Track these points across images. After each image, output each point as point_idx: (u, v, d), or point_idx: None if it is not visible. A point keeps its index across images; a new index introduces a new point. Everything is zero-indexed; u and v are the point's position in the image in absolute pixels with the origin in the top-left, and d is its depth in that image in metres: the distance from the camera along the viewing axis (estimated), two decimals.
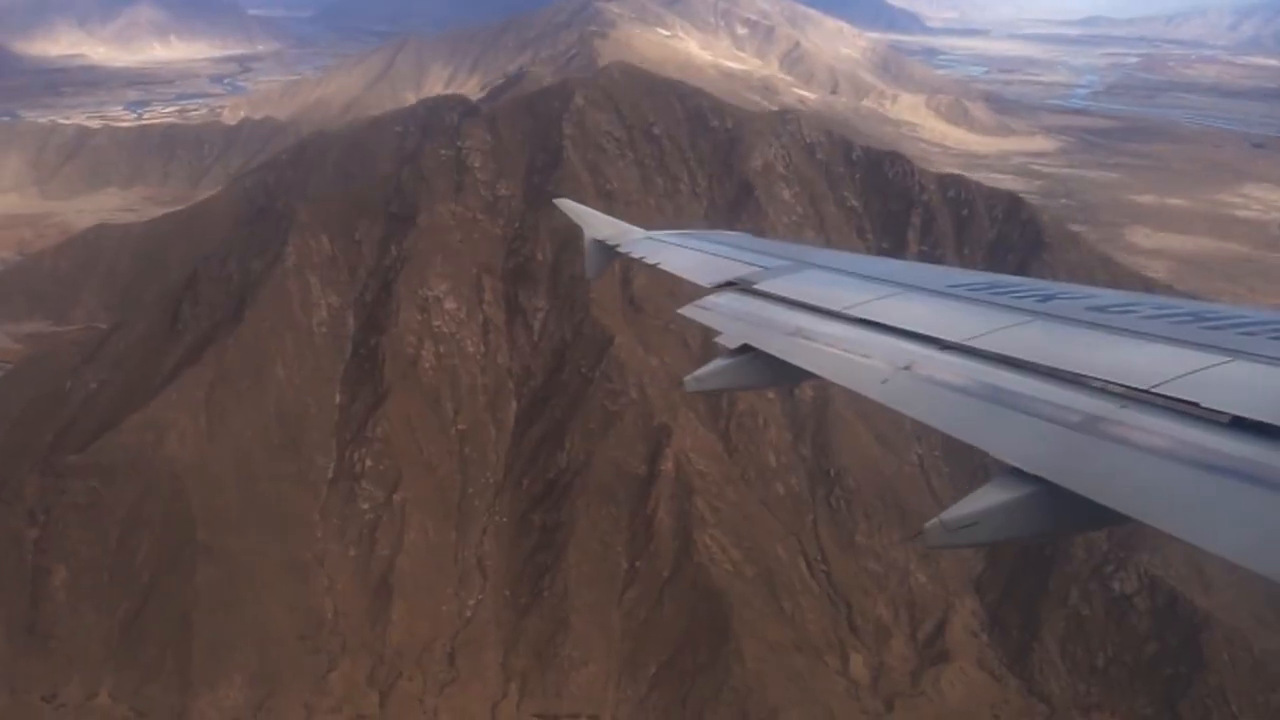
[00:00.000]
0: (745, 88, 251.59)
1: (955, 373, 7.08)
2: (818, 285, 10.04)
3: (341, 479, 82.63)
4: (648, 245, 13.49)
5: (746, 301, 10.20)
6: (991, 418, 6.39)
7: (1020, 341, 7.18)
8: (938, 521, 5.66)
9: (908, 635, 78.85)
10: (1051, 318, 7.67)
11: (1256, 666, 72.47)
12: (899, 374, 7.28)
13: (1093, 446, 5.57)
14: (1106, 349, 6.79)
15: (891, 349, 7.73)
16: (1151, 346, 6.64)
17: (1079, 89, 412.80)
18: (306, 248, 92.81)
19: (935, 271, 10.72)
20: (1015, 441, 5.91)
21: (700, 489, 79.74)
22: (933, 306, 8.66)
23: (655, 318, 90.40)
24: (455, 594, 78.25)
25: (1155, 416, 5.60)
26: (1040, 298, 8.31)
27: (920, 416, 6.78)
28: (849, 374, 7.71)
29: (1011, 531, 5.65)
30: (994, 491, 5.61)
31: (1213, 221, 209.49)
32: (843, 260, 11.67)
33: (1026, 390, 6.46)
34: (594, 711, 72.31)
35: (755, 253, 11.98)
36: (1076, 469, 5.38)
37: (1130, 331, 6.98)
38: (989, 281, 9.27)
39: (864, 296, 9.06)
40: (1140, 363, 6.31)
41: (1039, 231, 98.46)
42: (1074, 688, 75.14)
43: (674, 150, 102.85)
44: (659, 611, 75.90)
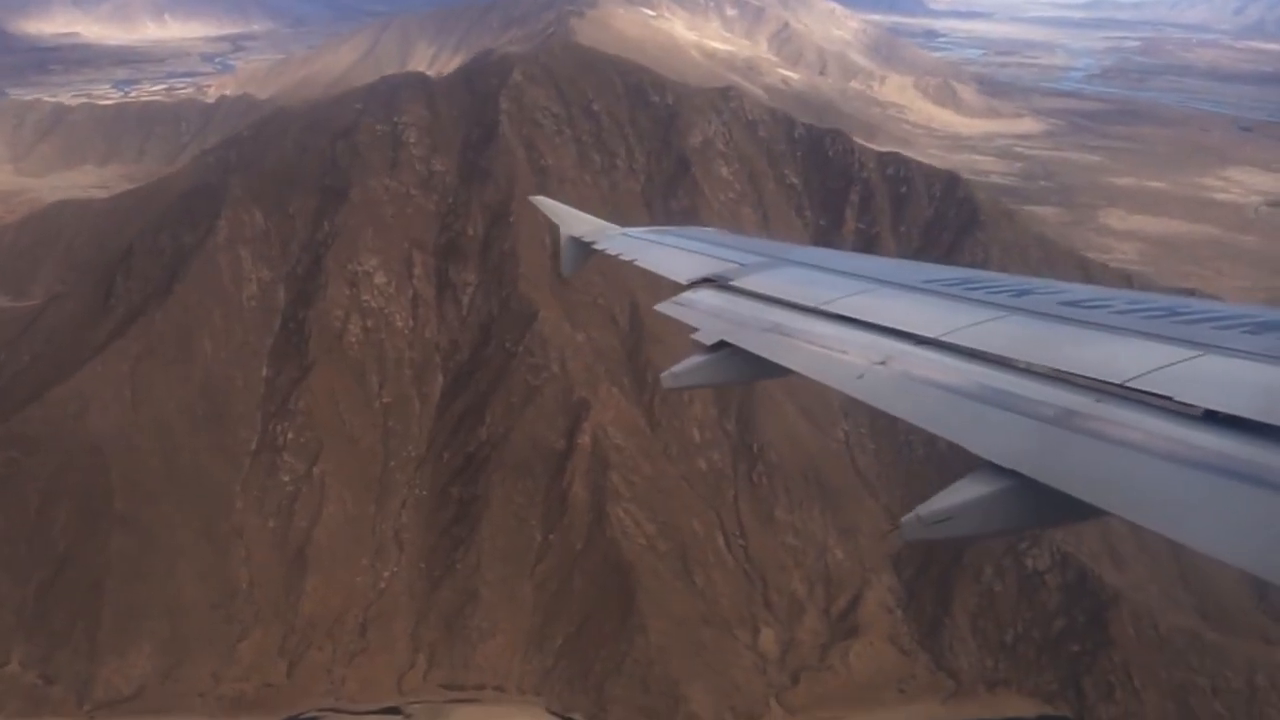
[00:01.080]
0: (727, 68, 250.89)
1: (931, 368, 7.07)
2: (794, 281, 10.06)
3: (264, 451, 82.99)
4: (624, 242, 13.50)
5: (723, 298, 10.13)
6: (967, 412, 6.38)
7: (995, 337, 7.21)
8: (914, 516, 5.54)
9: (821, 610, 79.05)
10: (1026, 313, 7.69)
11: (1162, 643, 72.56)
12: (875, 369, 7.27)
13: (1068, 441, 5.58)
14: (1080, 344, 6.79)
15: (867, 345, 7.73)
16: (1125, 341, 6.65)
17: (1074, 72, 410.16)
18: (239, 222, 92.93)
19: (911, 267, 10.74)
20: (991, 436, 5.90)
21: (616, 463, 79.90)
22: (909, 302, 8.69)
23: (584, 293, 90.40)
24: (371, 565, 78.64)
25: (1130, 410, 5.63)
26: (1014, 293, 8.35)
27: (895, 411, 6.72)
28: (825, 370, 7.71)
29: (988, 525, 5.58)
30: (970, 486, 5.55)
31: (1190, 204, 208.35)
32: (819, 256, 11.74)
33: (1001, 385, 6.46)
34: (499, 682, 72.77)
35: (732, 249, 12.03)
36: (1052, 463, 5.39)
37: (1104, 326, 7.02)
38: (964, 277, 9.37)
39: (840, 292, 9.09)
40: (1114, 357, 6.32)
41: (975, 210, 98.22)
42: (982, 663, 75.37)
43: (613, 126, 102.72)
44: (569, 584, 76.27)
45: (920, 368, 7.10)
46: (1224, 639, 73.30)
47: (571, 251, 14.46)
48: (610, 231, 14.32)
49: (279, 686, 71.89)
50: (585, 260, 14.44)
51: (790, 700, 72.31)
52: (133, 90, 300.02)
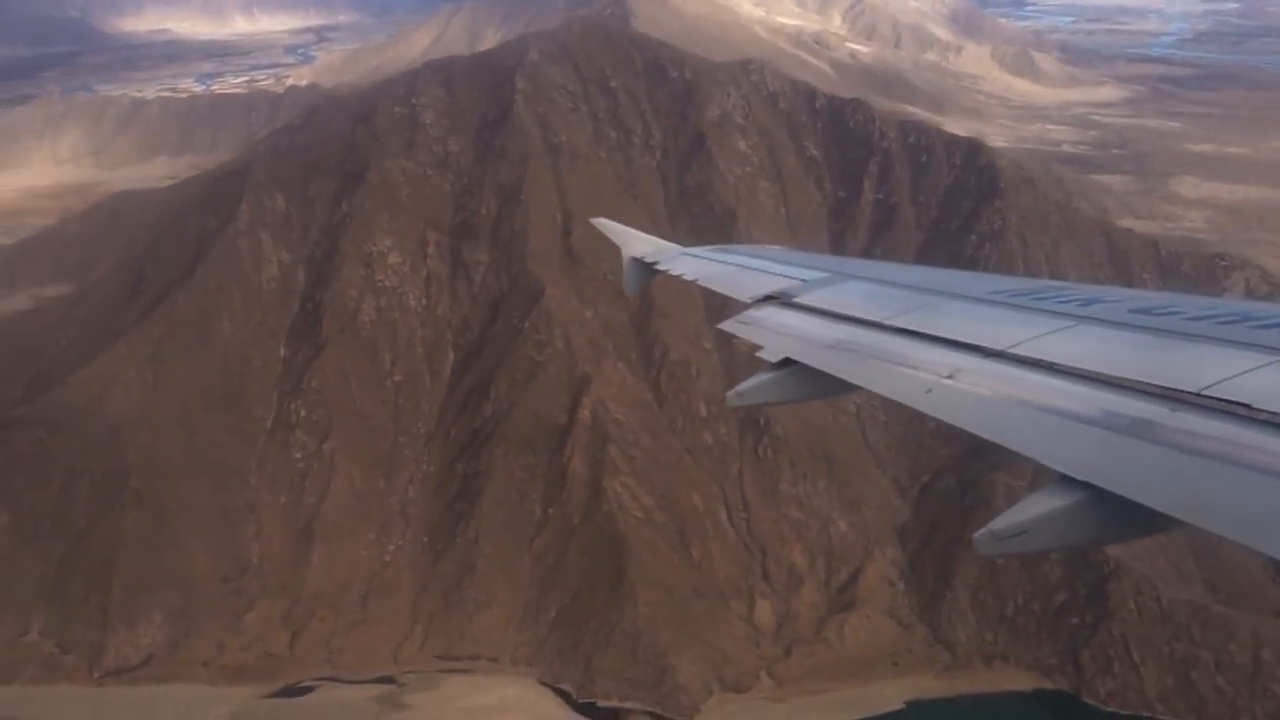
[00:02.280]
0: (792, 44, 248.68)
1: (1000, 380, 6.96)
2: (857, 297, 9.98)
3: (279, 429, 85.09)
4: (686, 262, 13.45)
5: (787, 315, 10.02)
6: (1038, 424, 6.29)
7: (1064, 347, 7.12)
8: (987, 531, 5.41)
9: (821, 583, 78.57)
10: (1095, 321, 7.58)
11: (1164, 616, 70.71)
12: (943, 384, 7.17)
13: (1144, 452, 5.45)
14: (1152, 352, 6.65)
15: (934, 359, 7.63)
16: (1199, 348, 6.48)
17: (1165, 37, 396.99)
18: (261, 206, 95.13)
19: (976, 279, 10.74)
20: (1064, 449, 5.79)
21: (615, 437, 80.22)
22: (974, 314, 8.58)
23: (593, 269, 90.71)
24: (376, 539, 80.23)
25: (1207, 419, 5.47)
26: (1083, 302, 8.24)
27: (966, 425, 6.56)
28: (892, 385, 7.63)
29: (1063, 539, 5.47)
30: (1044, 499, 5.45)
31: (1271, 170, 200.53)
32: (882, 270, 11.70)
33: (1073, 396, 6.36)
34: (494, 653, 73.84)
35: (795, 266, 11.86)
36: (1128, 475, 5.29)
37: (1176, 333, 6.86)
38: (1031, 287, 9.25)
39: (904, 307, 9.01)
40: (1188, 365, 6.15)
41: (995, 177, 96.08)
42: (981, 637, 74.24)
43: (630, 103, 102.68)
44: (565, 557, 76.95)
45: (989, 381, 7.00)
46: (1230, 612, 71.16)
47: (633, 272, 14.33)
48: (671, 251, 14.26)
49: (280, 656, 73.87)
50: (648, 280, 14.36)
51: (781, 672, 72.09)
52: (215, 83, 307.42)
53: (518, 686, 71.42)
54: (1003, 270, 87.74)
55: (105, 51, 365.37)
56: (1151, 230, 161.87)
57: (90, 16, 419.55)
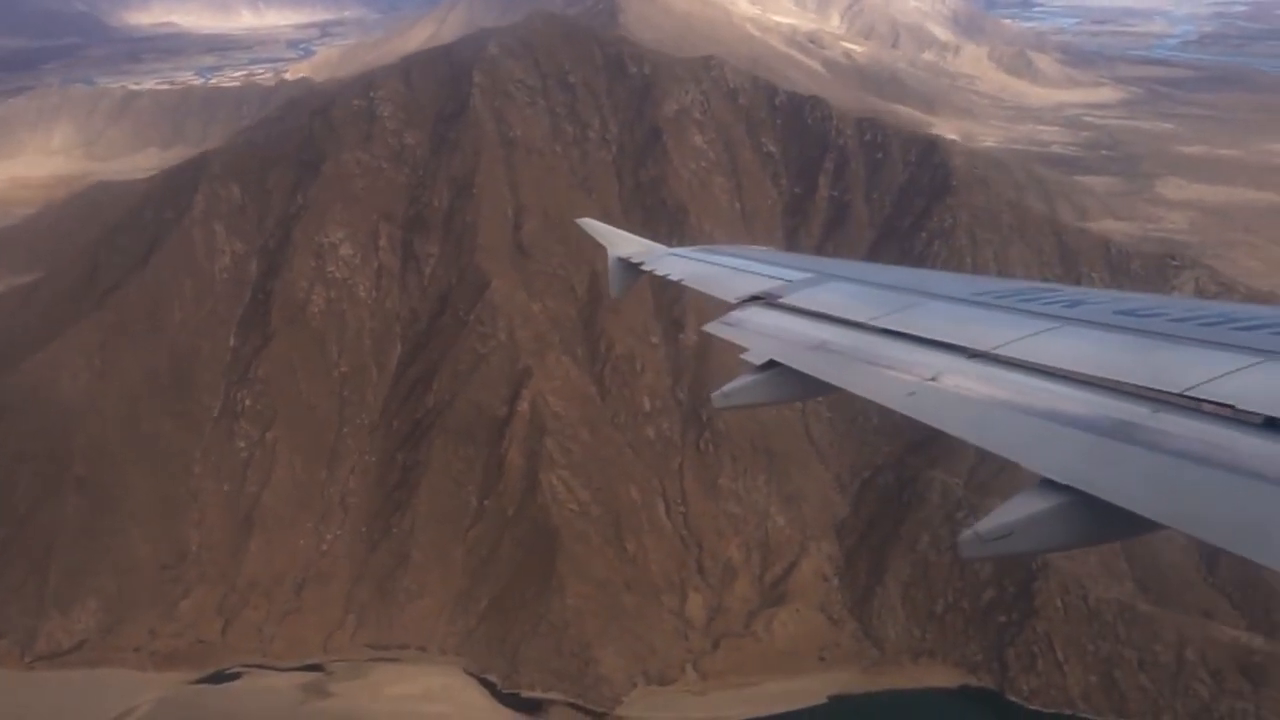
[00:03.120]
0: (784, 42, 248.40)
1: (983, 382, 6.93)
2: (842, 297, 9.95)
3: (225, 418, 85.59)
4: (671, 262, 13.43)
5: (772, 315, 10.00)
6: (1021, 428, 6.26)
7: (1048, 348, 7.12)
8: (973, 532, 5.41)
9: (755, 577, 78.67)
10: (1079, 323, 7.57)
11: (1090, 614, 70.67)
12: (926, 386, 7.14)
13: (1125, 454, 5.46)
14: (1136, 353, 6.64)
15: (918, 360, 7.60)
16: (1182, 349, 6.47)
17: (1169, 39, 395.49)
18: (216, 197, 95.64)
19: (961, 280, 10.72)
20: (1046, 451, 5.81)
21: (553, 430, 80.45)
22: (958, 315, 8.54)
23: (544, 263, 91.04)
24: (315, 529, 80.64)
25: (1189, 420, 5.51)
26: (1067, 303, 8.21)
27: (948, 429, 6.56)
28: (875, 387, 7.60)
29: (1047, 541, 5.49)
30: (1027, 501, 5.45)
31: (1260, 172, 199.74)
32: (867, 271, 11.71)
33: (1056, 398, 6.36)
34: (424, 643, 74.16)
35: (779, 266, 11.87)
36: (1108, 478, 5.28)
37: (1160, 334, 6.85)
38: (1015, 288, 9.22)
39: (889, 307, 9.01)
40: (1171, 366, 6.14)
41: (948, 175, 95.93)
42: (910, 633, 74.29)
43: (588, 97, 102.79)
44: (499, 549, 77.24)
45: (973, 383, 6.97)
46: (1156, 611, 71.08)
47: (619, 272, 14.29)
48: (656, 251, 14.20)
49: (212, 643, 74.32)
50: (633, 281, 14.26)
51: (707, 665, 72.26)
52: (214, 77, 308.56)
53: (444, 676, 71.74)
54: (950, 268, 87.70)
55: (108, 44, 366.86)
56: (1131, 231, 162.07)
57: (97, 10, 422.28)
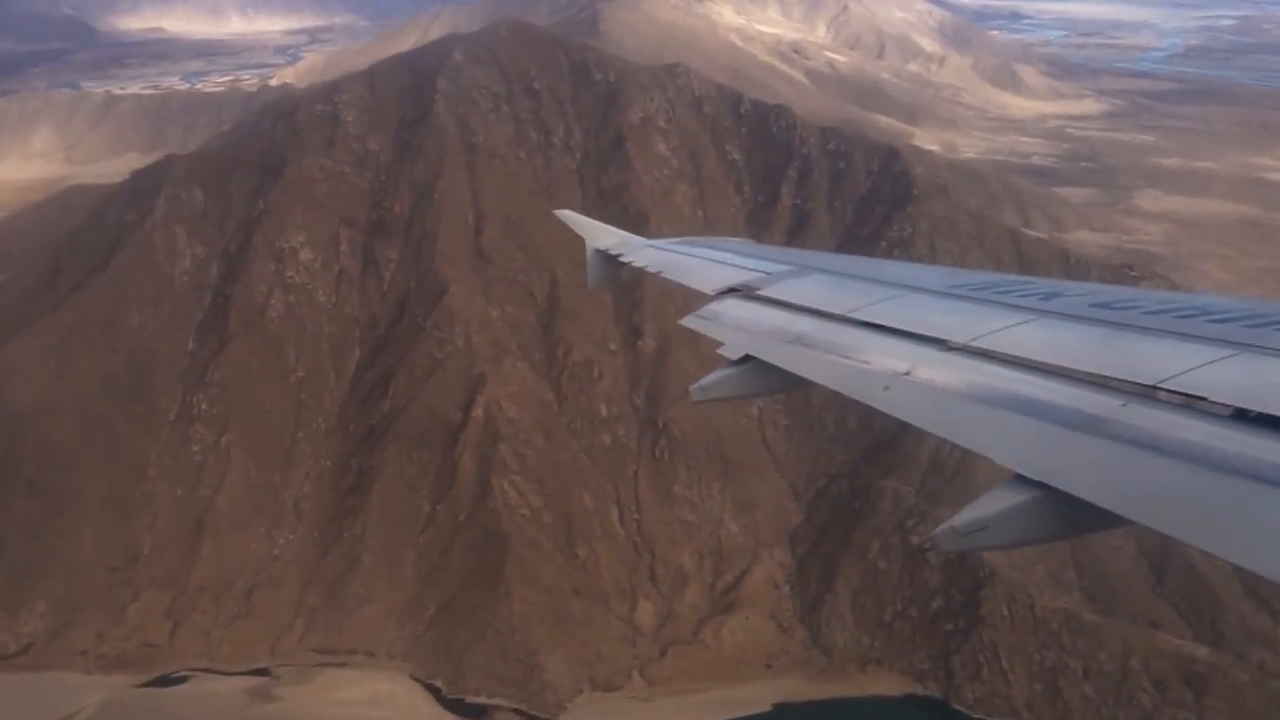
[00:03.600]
0: (767, 52, 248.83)
1: (957, 376, 6.92)
2: (820, 289, 9.86)
3: (181, 421, 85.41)
4: (650, 254, 13.35)
5: (749, 308, 9.94)
6: (994, 422, 6.24)
7: (1023, 340, 7.09)
8: (949, 527, 5.42)
9: (707, 585, 78.68)
10: (1055, 315, 7.59)
11: (1036, 624, 70.75)
12: (900, 380, 7.10)
13: (1093, 449, 5.46)
14: (1111, 346, 6.64)
15: (894, 353, 7.57)
16: (1157, 342, 6.49)
17: (1154, 52, 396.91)
18: (178, 200, 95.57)
19: (938, 272, 10.66)
20: (1018, 446, 5.82)
21: (507, 436, 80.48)
22: (935, 307, 8.55)
23: (504, 269, 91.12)
24: (267, 533, 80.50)
25: (1159, 413, 5.51)
26: (1044, 296, 8.24)
27: (922, 424, 6.56)
28: (849, 382, 7.55)
29: (1022, 535, 5.46)
30: (1002, 496, 5.45)
31: (1236, 184, 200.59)
32: (846, 264, 11.67)
33: (1029, 391, 6.34)
34: (371, 648, 73.99)
35: (759, 258, 11.79)
36: (1077, 473, 5.29)
37: (1135, 327, 6.87)
38: (992, 281, 9.23)
39: (866, 300, 8.97)
40: (1146, 358, 6.17)
41: (909, 185, 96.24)
42: (859, 641, 74.31)
43: (553, 104, 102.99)
44: (449, 554, 77.18)
45: (946, 377, 6.97)
46: (1102, 621, 71.16)
47: (597, 264, 14.12)
48: (635, 243, 14.09)
49: (159, 647, 74.13)
50: (612, 273, 14.12)
51: (654, 672, 72.21)
52: (199, 82, 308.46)
53: (390, 681, 71.61)
54: None
55: (95, 49, 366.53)
56: (1106, 242, 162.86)
57: (85, 14, 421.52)
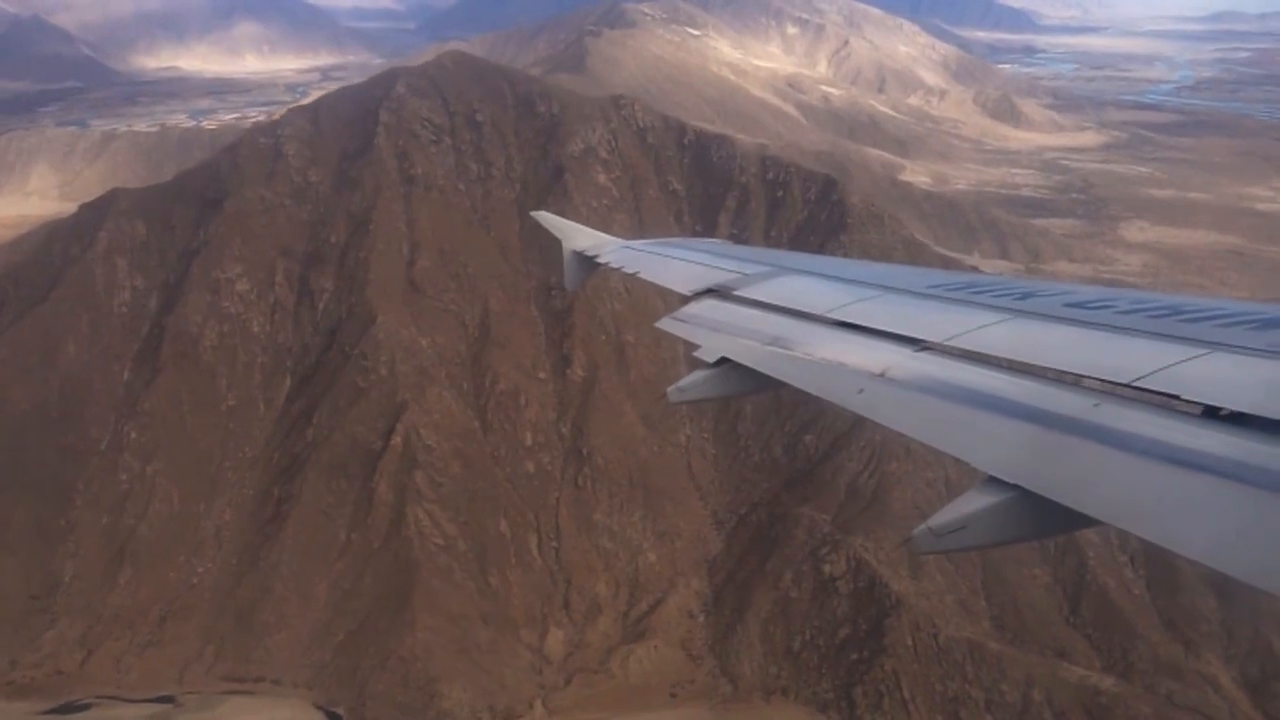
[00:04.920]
0: (760, 86, 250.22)
1: (931, 377, 6.92)
2: (797, 290, 9.89)
3: (111, 451, 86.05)
4: (626, 255, 13.33)
5: (725, 309, 9.92)
6: (967, 423, 6.24)
7: (997, 340, 7.13)
8: (926, 527, 5.45)
9: (621, 614, 78.35)
10: (1030, 315, 7.60)
11: (940, 653, 69.92)
12: (875, 382, 7.10)
13: (1066, 449, 5.49)
14: (1084, 345, 6.70)
15: (868, 356, 7.55)
16: (1130, 341, 6.52)
17: (1164, 85, 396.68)
18: (120, 232, 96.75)
19: (914, 273, 10.71)
20: (991, 448, 5.82)
21: (424, 464, 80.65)
22: (911, 308, 8.59)
23: (435, 299, 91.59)
24: (187, 561, 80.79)
25: (1130, 412, 5.53)
26: (1018, 296, 8.26)
27: (896, 427, 6.56)
28: (825, 385, 7.55)
29: (998, 535, 5.47)
30: (977, 497, 5.49)
31: (1226, 215, 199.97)
32: (823, 264, 11.57)
33: (1002, 391, 6.36)
34: (277, 676, 73.98)
35: (736, 259, 11.80)
36: (1049, 474, 5.31)
37: (1109, 327, 6.91)
38: (969, 281, 9.23)
39: (843, 300, 8.98)
40: (1119, 357, 6.20)
41: (844, 213, 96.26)
42: (766, 670, 73.66)
43: (495, 136, 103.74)
44: (362, 582, 77.22)
45: (920, 378, 6.96)
46: (1007, 650, 70.30)
47: (574, 266, 14.17)
48: (612, 245, 14.10)
49: (70, 674, 74.32)
50: (588, 274, 14.19)
51: (556, 701, 71.80)
52: (206, 119, 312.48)
53: (292, 709, 71.51)
54: None
55: (108, 88, 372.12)
56: (1082, 273, 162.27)
57: (102, 54, 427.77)
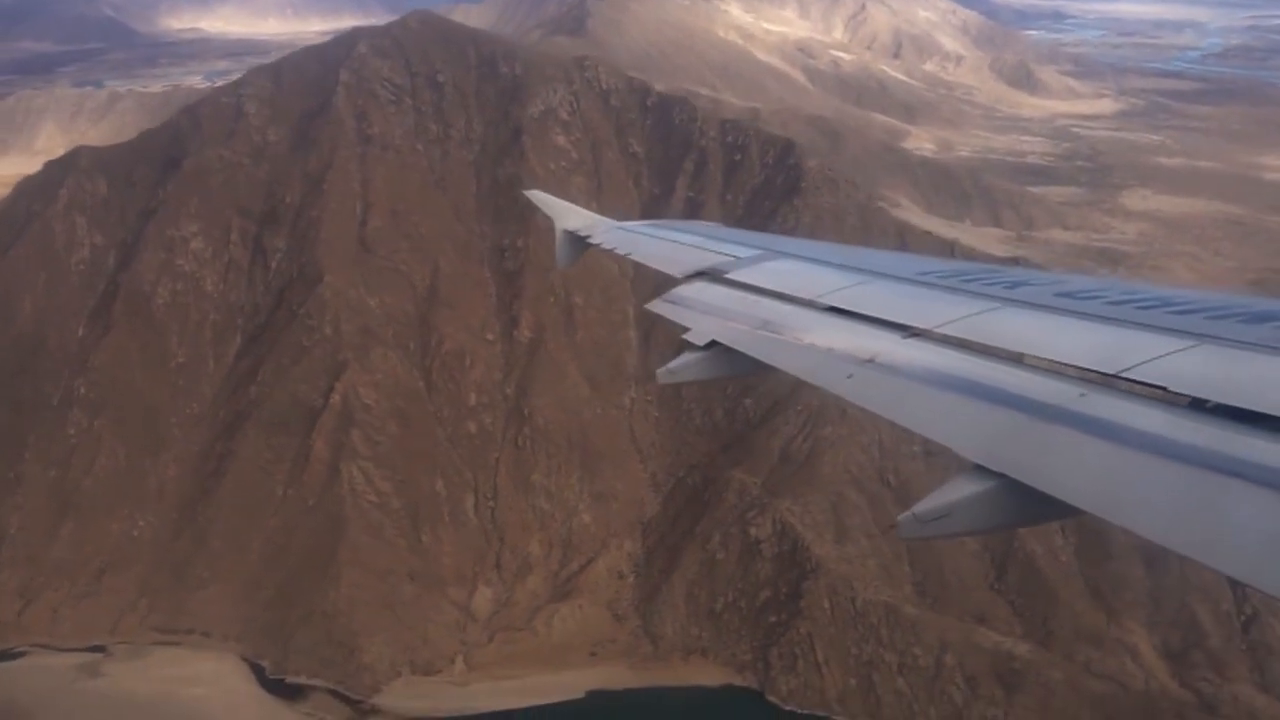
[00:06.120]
0: (768, 51, 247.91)
1: (920, 363, 6.93)
2: (789, 274, 9.88)
3: (63, 406, 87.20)
4: (619, 236, 13.34)
5: (717, 291, 9.95)
6: (954, 411, 6.24)
7: (987, 328, 7.15)
8: (910, 514, 5.46)
9: (552, 573, 78.91)
10: (1020, 304, 7.62)
11: (857, 617, 70.16)
12: (864, 368, 7.11)
13: (1051, 439, 5.49)
14: (1073, 335, 6.71)
15: (858, 340, 7.57)
16: (1119, 332, 6.53)
17: (1190, 52, 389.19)
18: (81, 190, 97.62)
19: (906, 260, 10.82)
20: (977, 436, 5.83)
21: (361, 422, 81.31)
22: (902, 294, 8.59)
23: (386, 259, 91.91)
24: (130, 515, 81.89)
25: (1117, 402, 5.54)
26: (1008, 284, 8.23)
27: (884, 413, 6.57)
28: (814, 370, 7.59)
29: (983, 523, 5.50)
30: (963, 484, 5.48)
31: (1232, 184, 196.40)
32: (815, 249, 11.55)
33: (989, 379, 6.37)
34: (208, 629, 75.12)
35: (728, 242, 11.77)
36: (1035, 463, 5.32)
37: (1098, 317, 6.91)
38: (960, 269, 9.23)
39: (833, 285, 8.99)
40: (1106, 348, 6.20)
41: (800, 177, 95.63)
42: (688, 631, 74.11)
43: (457, 97, 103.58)
44: (294, 538, 78.12)
45: (909, 365, 6.97)
46: (922, 615, 70.38)
47: (566, 245, 14.12)
48: (604, 225, 14.05)
49: (6, 623, 75.75)
50: (580, 253, 14.13)
51: (477, 658, 72.61)
52: (219, 79, 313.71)
53: (218, 661, 72.71)
54: None
55: (129, 49, 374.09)
56: (1074, 241, 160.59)
57: (126, 15, 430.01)
